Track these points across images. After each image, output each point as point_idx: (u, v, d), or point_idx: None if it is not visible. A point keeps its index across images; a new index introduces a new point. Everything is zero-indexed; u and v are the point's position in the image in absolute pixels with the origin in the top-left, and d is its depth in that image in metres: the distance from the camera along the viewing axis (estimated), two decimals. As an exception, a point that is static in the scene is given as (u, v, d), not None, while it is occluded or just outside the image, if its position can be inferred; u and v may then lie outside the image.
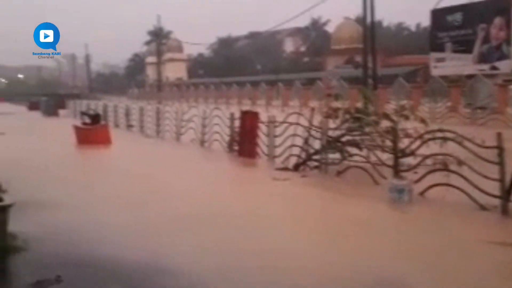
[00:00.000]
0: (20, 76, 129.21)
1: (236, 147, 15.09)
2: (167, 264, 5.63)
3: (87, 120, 19.60)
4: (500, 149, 7.90)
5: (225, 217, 7.76)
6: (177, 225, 7.33)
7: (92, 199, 9.14)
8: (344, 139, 11.42)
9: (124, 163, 14.14)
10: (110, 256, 5.92)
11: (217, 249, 6.24)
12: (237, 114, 15.39)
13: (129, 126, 24.98)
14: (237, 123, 15.18)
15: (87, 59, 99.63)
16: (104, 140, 18.09)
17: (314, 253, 6.14)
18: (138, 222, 7.50)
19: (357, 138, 11.23)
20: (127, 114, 25.84)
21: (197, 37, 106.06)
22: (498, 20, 34.40)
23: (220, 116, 16.72)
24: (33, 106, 46.17)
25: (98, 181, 11.34)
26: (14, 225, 6.06)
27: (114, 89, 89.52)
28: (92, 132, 18.44)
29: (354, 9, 60.35)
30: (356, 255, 6.03)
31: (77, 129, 18.99)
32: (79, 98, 50.74)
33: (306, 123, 12.40)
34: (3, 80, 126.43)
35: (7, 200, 5.85)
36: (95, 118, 19.70)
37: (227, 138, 15.77)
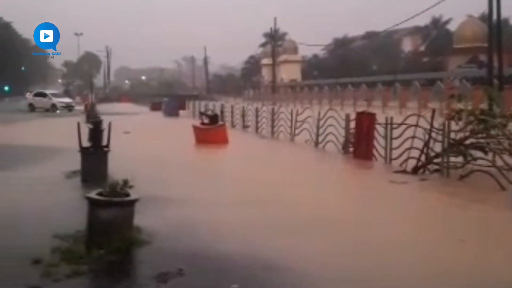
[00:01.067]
0: (143, 77, 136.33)
1: (351, 149, 14.87)
2: (287, 263, 5.65)
3: (206, 120, 20.20)
4: None
5: (340, 221, 7.66)
6: (293, 226, 7.32)
7: (212, 196, 9.35)
8: (467, 142, 10.87)
9: (241, 162, 14.41)
10: (231, 252, 6.03)
11: (336, 250, 6.16)
12: (353, 115, 15.16)
13: (245, 127, 25.47)
14: (352, 124, 14.95)
15: (206, 61, 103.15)
16: (221, 139, 18.55)
17: (430, 257, 5.88)
18: (257, 221, 7.60)
19: (482, 141, 10.66)
20: (243, 115, 26.36)
21: (312, 38, 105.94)
22: None
23: (335, 117, 16.56)
24: (155, 107, 48.10)
25: (217, 178, 11.63)
26: (139, 219, 6.34)
27: (230, 90, 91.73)
28: (210, 132, 18.98)
29: (478, 6, 57.15)
30: (475, 264, 5.70)
31: (196, 128, 19.64)
32: (197, 99, 52.40)
33: (425, 125, 11.94)
34: (127, 82, 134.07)
35: (133, 195, 6.12)
36: (213, 119, 20.22)
37: (341, 140, 15.58)
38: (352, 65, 77.94)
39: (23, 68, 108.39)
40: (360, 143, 14.38)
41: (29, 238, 6.43)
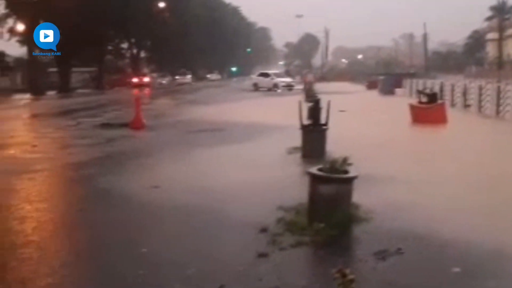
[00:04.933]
0: (359, 56, 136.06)
1: None
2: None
3: (424, 99, 19.59)
4: None
5: None
6: None
7: (427, 177, 9.17)
8: None
9: (458, 144, 13.73)
10: (452, 235, 5.91)
11: None
12: None
13: (466, 106, 24.10)
14: None
15: (425, 38, 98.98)
16: (440, 119, 17.84)
17: None
18: (476, 205, 7.31)
19: None
20: (464, 93, 24.94)
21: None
22: None
23: None
24: (371, 85, 47.86)
25: (432, 160, 11.26)
26: (357, 196, 6.49)
27: (450, 67, 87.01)
28: (428, 111, 18.35)
29: None
30: None
31: (413, 107, 19.15)
32: (415, 77, 50.82)
33: None
34: (344, 61, 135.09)
35: (352, 172, 6.29)
36: (432, 97, 19.52)
37: None
38: None
39: (248, 50, 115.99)
40: None
41: (257, 209, 7.01)
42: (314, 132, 11.08)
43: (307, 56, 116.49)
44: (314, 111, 11.28)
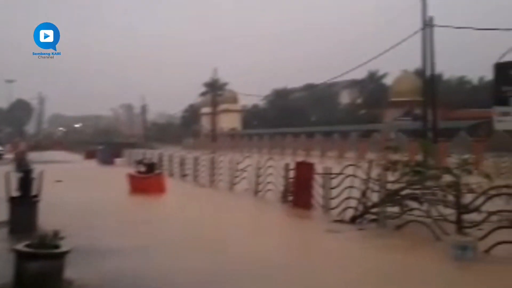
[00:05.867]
0: (77, 125, 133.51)
1: (290, 198, 14.88)
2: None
3: (142, 168, 19.83)
4: None
5: (275, 269, 7.77)
6: (223, 275, 7.26)
7: (147, 246, 9.17)
8: (403, 192, 11.07)
9: (178, 211, 14.18)
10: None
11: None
12: (292, 165, 15.24)
13: (184, 175, 25.17)
14: (291, 173, 15.01)
15: (144, 109, 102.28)
16: (158, 188, 18.18)
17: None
18: (196, 269, 7.57)
19: (417, 192, 10.86)
20: (182, 163, 26.07)
21: (252, 88, 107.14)
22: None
23: (274, 166, 16.62)
24: (89, 155, 47.06)
25: (154, 227, 11.39)
26: (71, 271, 6.05)
27: (169, 138, 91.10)
28: (147, 180, 18.59)
29: (412, 61, 59.55)
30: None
31: (132, 177, 19.21)
32: (135, 147, 51.69)
33: (363, 175, 12.12)
34: (61, 129, 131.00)
35: (64, 246, 5.86)
36: (150, 167, 19.90)
37: (281, 189, 15.59)
38: (291, 116, 79.38)
39: None
40: (299, 192, 14.42)
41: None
42: (23, 205, 10.16)
43: (20, 124, 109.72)
44: (25, 182, 10.39)
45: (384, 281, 7.31)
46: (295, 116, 79.37)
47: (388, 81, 76.58)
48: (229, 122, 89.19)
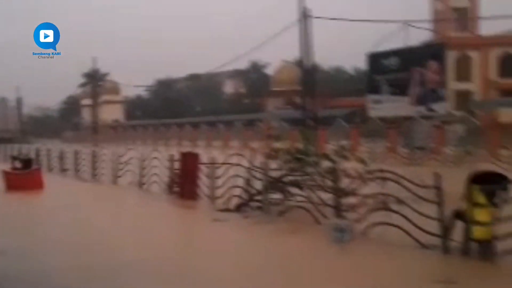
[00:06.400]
0: None
1: (176, 189, 14.77)
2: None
3: (18, 164, 18.78)
4: (438, 188, 7.99)
5: (161, 261, 7.73)
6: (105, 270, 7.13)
7: (29, 246, 8.86)
8: (285, 179, 11.37)
9: (58, 209, 13.57)
10: None
11: None
12: (177, 156, 15.13)
13: (63, 170, 24.16)
14: (177, 164, 14.90)
15: (19, 102, 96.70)
16: (36, 185, 17.30)
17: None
18: (79, 268, 7.36)
19: (299, 178, 11.20)
20: (61, 157, 25.01)
21: (135, 79, 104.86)
22: (432, 64, 35.96)
23: (159, 157, 16.43)
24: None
25: (32, 227, 10.88)
26: None
27: (48, 132, 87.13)
28: (23, 177, 17.63)
29: (293, 52, 61.38)
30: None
31: (7, 174, 18.14)
32: (11, 142, 48.81)
33: (247, 164, 12.30)
34: None
35: None
36: (27, 163, 18.91)
37: (166, 180, 15.43)
38: (176, 106, 78.85)
39: None
40: (185, 183, 14.34)
41: None
42: None
43: None
44: None
45: (267, 264, 7.51)
46: (179, 107, 78.98)
47: (270, 71, 78.33)
48: (111, 113, 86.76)
